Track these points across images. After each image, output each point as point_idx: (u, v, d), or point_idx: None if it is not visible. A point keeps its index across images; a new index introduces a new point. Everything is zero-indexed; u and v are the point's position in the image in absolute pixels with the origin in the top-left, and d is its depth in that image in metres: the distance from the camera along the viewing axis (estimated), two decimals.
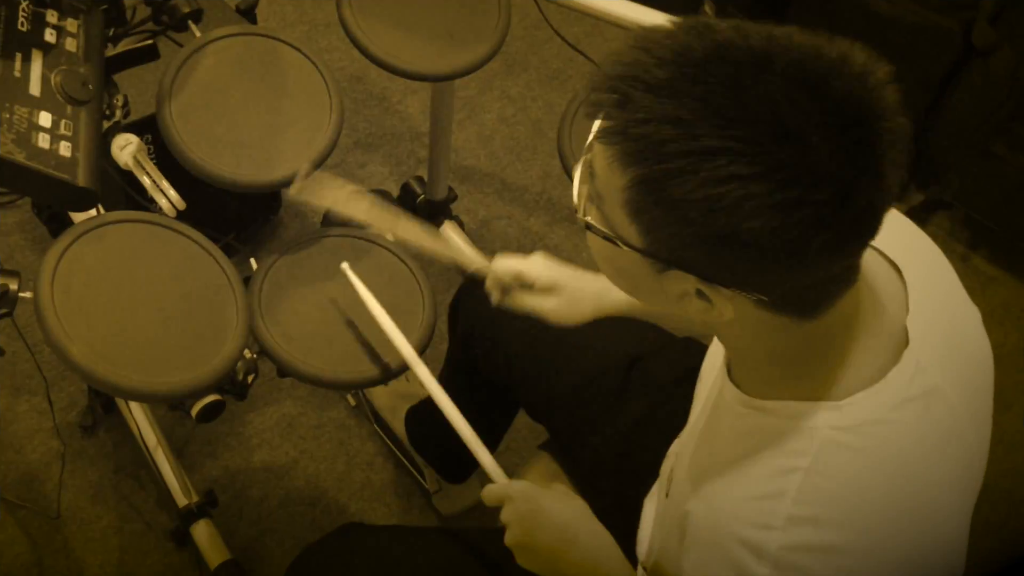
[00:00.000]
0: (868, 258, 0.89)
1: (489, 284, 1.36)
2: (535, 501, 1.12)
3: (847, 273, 0.84)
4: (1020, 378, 2.24)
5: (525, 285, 1.33)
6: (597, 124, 0.79)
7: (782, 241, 0.74)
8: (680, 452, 1.10)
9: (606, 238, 0.84)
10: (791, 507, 0.85)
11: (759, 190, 0.72)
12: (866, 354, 0.88)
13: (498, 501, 1.14)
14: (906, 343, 0.89)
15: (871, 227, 0.78)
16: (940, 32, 2.19)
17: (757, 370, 0.93)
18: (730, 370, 0.97)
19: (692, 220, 0.75)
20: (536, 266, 1.32)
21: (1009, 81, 2.11)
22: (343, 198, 1.33)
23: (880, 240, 0.92)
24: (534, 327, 1.36)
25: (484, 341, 1.54)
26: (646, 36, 0.77)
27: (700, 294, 0.82)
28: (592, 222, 0.85)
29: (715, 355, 1.07)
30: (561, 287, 1.32)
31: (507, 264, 1.33)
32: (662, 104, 0.74)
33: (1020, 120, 2.13)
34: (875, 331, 0.89)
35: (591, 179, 0.84)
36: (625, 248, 0.82)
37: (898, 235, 0.98)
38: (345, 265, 1.43)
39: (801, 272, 0.78)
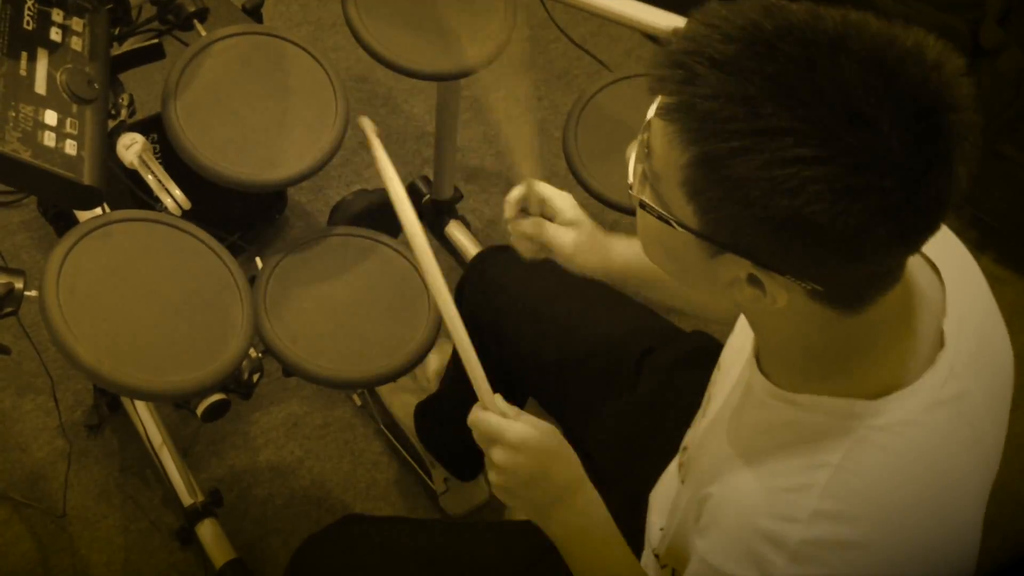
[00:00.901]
0: (911, 258, 0.89)
1: (511, 197, 1.30)
2: (536, 457, 1.02)
3: (898, 269, 0.83)
4: None
5: (547, 215, 1.29)
6: (658, 101, 0.78)
7: (844, 228, 0.73)
8: (701, 440, 1.09)
9: (661, 218, 0.82)
10: (817, 501, 0.85)
11: (825, 174, 0.71)
12: (903, 354, 0.88)
13: (492, 435, 1.03)
14: (941, 345, 0.89)
15: (935, 221, 0.77)
16: (947, 32, 2.17)
17: (792, 363, 0.92)
18: (759, 360, 0.96)
19: (753, 201, 0.73)
20: (567, 200, 1.28)
21: (1017, 81, 2.10)
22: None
23: None
24: (544, 311, 1.34)
25: (491, 327, 1.53)
26: (712, 11, 0.76)
27: (752, 280, 0.81)
28: (647, 201, 0.84)
29: (738, 346, 1.06)
30: (581, 226, 1.27)
31: (542, 187, 1.29)
32: (728, 80, 0.73)
33: None
34: (914, 331, 0.88)
35: (647, 158, 0.82)
36: (680, 229, 0.81)
37: (937, 236, 0.97)
38: (364, 120, 1.26)
39: (859, 263, 0.77)
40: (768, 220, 0.74)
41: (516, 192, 1.29)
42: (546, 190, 1.28)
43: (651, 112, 0.81)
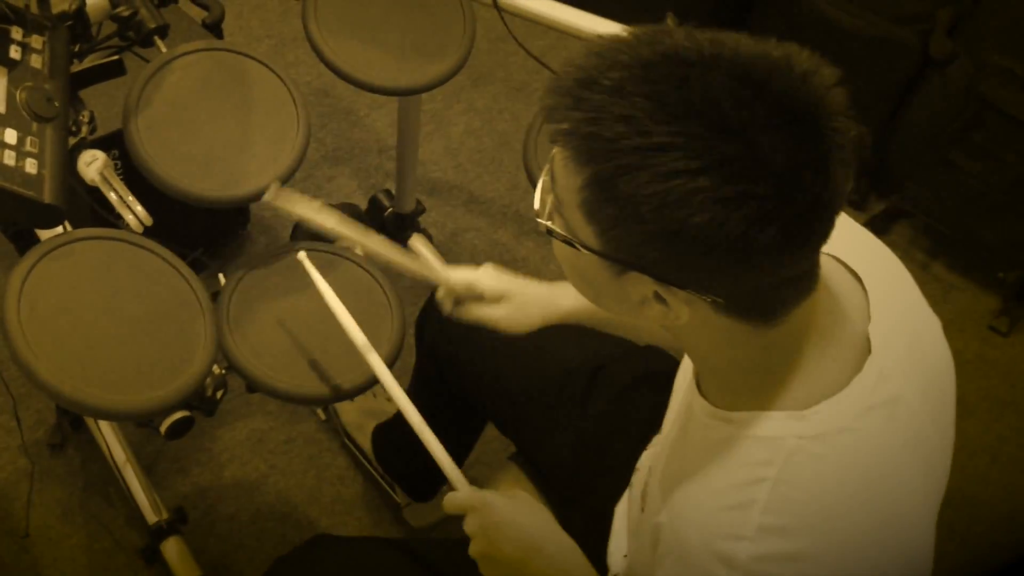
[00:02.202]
0: (829, 267, 0.90)
1: (441, 295, 1.38)
2: (499, 511, 1.10)
3: (804, 279, 0.85)
4: (981, 384, 2.28)
5: (476, 296, 1.35)
6: (553, 128, 0.81)
7: (729, 236, 0.75)
8: (652, 464, 1.11)
9: (566, 241, 0.85)
10: (760, 516, 0.86)
11: (705, 184, 0.74)
12: (828, 362, 0.89)
13: (460, 510, 1.12)
14: (868, 352, 0.90)
15: (820, 227, 0.79)
16: (898, 43, 2.22)
17: (723, 381, 0.94)
18: (699, 383, 0.98)
19: (643, 217, 0.76)
20: (485, 277, 1.34)
21: (966, 91, 2.14)
22: (314, 210, 1.34)
23: (840, 250, 0.94)
24: (500, 339, 1.37)
25: (451, 354, 1.55)
26: (600, 43, 0.79)
27: (658, 297, 0.83)
28: (552, 227, 0.86)
29: (687, 368, 1.08)
30: (510, 296, 1.34)
31: (458, 275, 1.35)
32: (613, 103, 0.75)
33: (977, 129, 2.17)
34: (837, 340, 0.90)
35: (553, 185, 0.85)
36: (584, 251, 0.84)
37: (858, 245, 0.99)
38: (302, 254, 1.39)
39: (752, 271, 0.79)
40: (659, 234, 0.77)
41: (440, 292, 1.38)
42: (464, 276, 1.35)
43: (550, 140, 0.83)
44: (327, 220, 1.33)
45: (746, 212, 0.74)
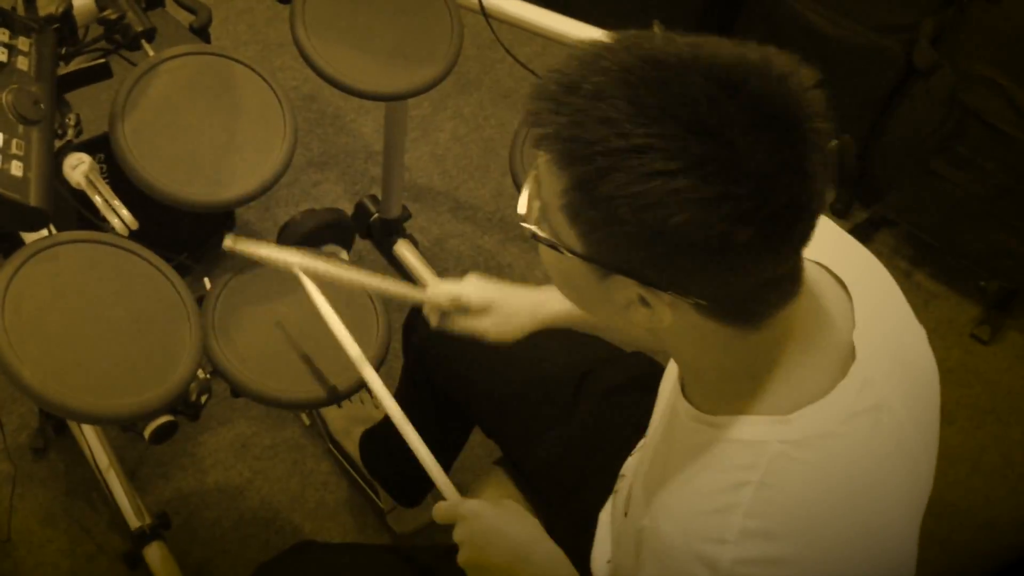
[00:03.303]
0: (814, 274, 0.91)
1: (427, 310, 1.38)
2: (487, 520, 1.11)
3: (786, 282, 0.85)
4: (963, 392, 2.29)
5: (461, 308, 1.35)
6: (536, 132, 0.81)
7: (707, 237, 0.76)
8: (637, 469, 1.11)
9: (550, 246, 0.85)
10: (743, 520, 0.86)
11: (683, 185, 0.74)
12: (813, 368, 0.90)
13: (450, 519, 1.13)
14: (853, 358, 0.91)
15: (799, 228, 0.80)
16: (882, 53, 2.24)
17: (707, 385, 0.94)
18: (683, 386, 0.98)
19: (623, 218, 0.76)
20: (469, 288, 1.35)
21: (949, 100, 2.16)
22: (276, 251, 1.34)
23: (826, 257, 0.94)
24: (487, 344, 1.38)
25: (438, 358, 1.55)
26: (581, 48, 0.80)
27: (643, 301, 0.84)
28: (537, 231, 0.87)
29: (672, 373, 1.09)
30: (495, 306, 1.34)
31: (442, 289, 1.35)
32: (593, 106, 0.76)
33: (960, 139, 2.18)
34: (821, 345, 0.91)
35: (538, 190, 0.86)
36: (568, 255, 0.84)
37: (843, 252, 1.00)
38: (298, 270, 1.35)
39: (733, 272, 0.80)
40: (639, 236, 0.77)
41: (426, 308, 1.38)
42: (447, 290, 1.35)
43: (533, 144, 0.84)
44: (290, 258, 1.33)
45: (724, 212, 0.75)
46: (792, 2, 2.30)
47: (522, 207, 0.89)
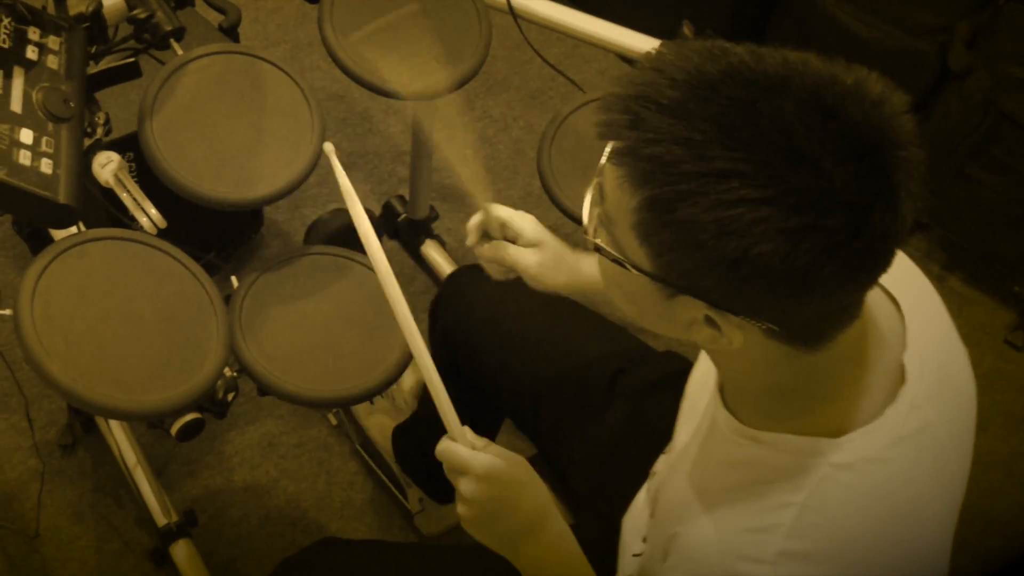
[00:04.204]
0: (870, 293, 0.89)
1: (473, 223, 1.31)
2: (502, 488, 1.02)
3: (853, 307, 0.83)
4: (996, 399, 2.26)
5: (509, 237, 1.30)
6: (609, 145, 0.79)
7: (792, 268, 0.73)
8: (668, 473, 1.10)
9: (616, 261, 0.83)
10: (783, 542, 0.85)
11: (770, 214, 0.71)
12: (865, 391, 0.88)
13: (460, 466, 1.03)
14: (902, 380, 0.89)
15: (884, 258, 0.77)
16: (917, 55, 2.22)
17: (755, 400, 0.92)
18: (724, 396, 0.96)
19: (702, 243, 0.74)
20: (527, 221, 1.30)
21: (984, 103, 2.13)
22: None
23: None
24: (516, 329, 1.35)
25: (465, 342, 1.53)
26: (659, 58, 0.77)
27: (709, 321, 0.81)
28: (602, 244, 0.84)
29: (703, 375, 1.07)
30: (545, 247, 1.29)
31: (500, 209, 1.29)
32: (673, 124, 0.73)
33: (995, 142, 2.15)
34: (875, 367, 0.89)
35: (602, 201, 0.83)
36: (635, 272, 0.82)
37: (895, 270, 0.98)
38: (329, 146, 1.21)
39: (812, 302, 0.77)
40: (718, 262, 0.74)
41: (476, 218, 1.30)
42: (504, 212, 1.29)
43: (604, 157, 0.81)
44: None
45: (812, 244, 0.72)
46: (825, 4, 2.28)
47: (585, 218, 0.86)
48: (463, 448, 1.03)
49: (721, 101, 0.73)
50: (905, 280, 0.97)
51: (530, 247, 1.28)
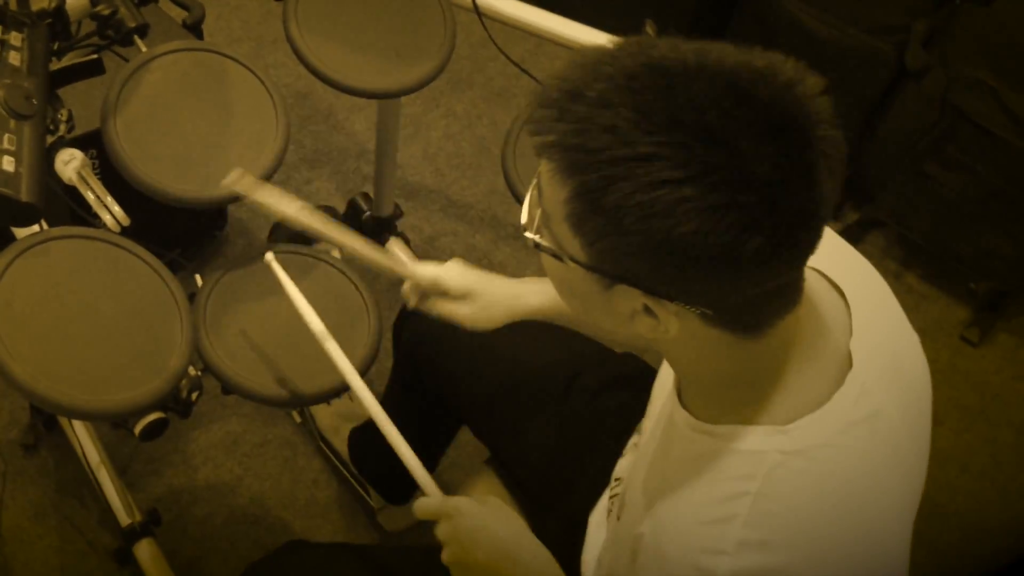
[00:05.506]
0: (811, 280, 0.90)
1: (407, 288, 1.37)
2: (471, 518, 1.10)
3: (789, 290, 0.85)
4: (952, 394, 2.30)
5: (441, 291, 1.34)
6: (539, 140, 0.80)
7: (715, 246, 0.75)
8: (631, 474, 1.11)
9: (553, 255, 0.85)
10: (741, 531, 0.86)
11: (690, 193, 0.73)
12: (811, 377, 0.90)
13: (432, 516, 1.13)
14: (850, 366, 0.91)
15: (806, 236, 0.79)
16: (875, 54, 2.25)
17: (706, 394, 0.94)
18: (680, 394, 0.98)
19: (629, 228, 0.76)
20: (451, 273, 1.34)
21: (940, 102, 2.16)
22: (276, 197, 1.32)
23: (822, 262, 0.94)
24: (478, 342, 1.37)
25: (428, 356, 1.55)
26: (584, 54, 0.79)
27: (647, 310, 0.83)
28: (539, 240, 0.86)
29: (666, 377, 1.08)
30: (475, 294, 1.33)
31: (425, 271, 1.34)
32: (597, 114, 0.75)
33: (952, 141, 2.19)
34: (819, 354, 0.91)
35: (540, 199, 0.85)
36: (572, 264, 0.83)
37: (839, 257, 1.00)
38: (270, 256, 1.38)
39: (740, 281, 0.79)
40: (645, 245, 0.76)
41: (405, 286, 1.37)
42: (430, 272, 1.34)
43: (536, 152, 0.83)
44: (288, 208, 1.32)
45: (732, 221, 0.74)
46: (785, 3, 2.31)
47: (524, 216, 0.88)
48: (432, 499, 1.14)
49: (639, 88, 0.75)
50: (851, 270, 0.99)
51: (460, 298, 1.34)
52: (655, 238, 0.75)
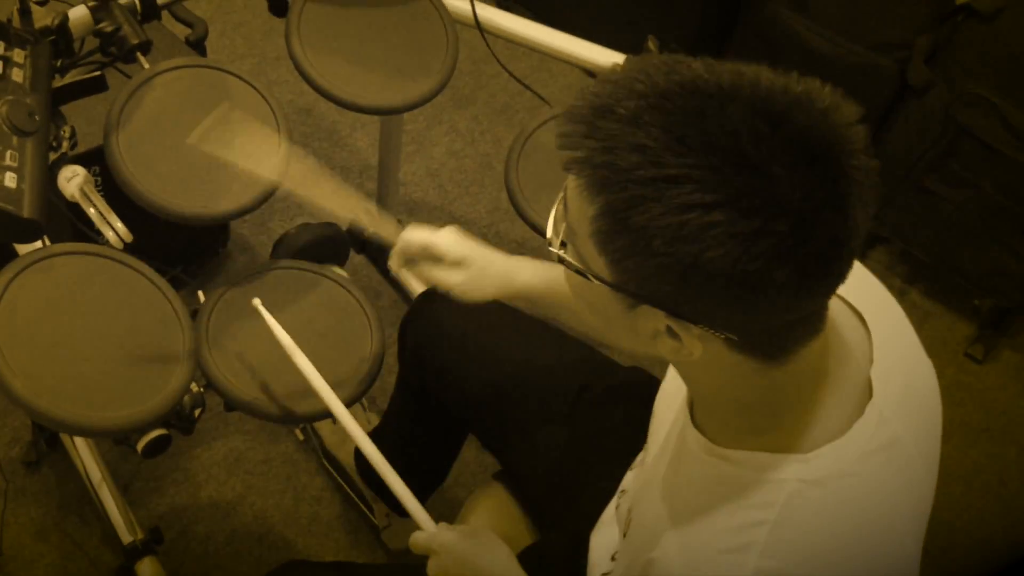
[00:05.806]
0: (834, 307, 0.89)
1: (396, 252, 1.35)
2: (459, 554, 1.13)
3: (815, 318, 0.84)
4: (957, 411, 2.29)
5: (433, 257, 1.32)
6: (568, 156, 0.79)
7: (744, 273, 0.73)
8: (638, 491, 1.10)
9: (578, 272, 0.84)
10: (758, 560, 0.86)
11: (720, 218, 0.72)
12: (833, 405, 0.89)
13: (423, 551, 1.16)
14: (870, 394, 0.90)
15: (836, 267, 0.78)
16: (877, 70, 2.25)
17: (723, 417, 0.93)
18: (693, 415, 0.96)
19: (656, 250, 0.74)
20: (447, 239, 1.32)
21: (943, 118, 2.16)
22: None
23: (842, 287, 0.94)
24: (484, 347, 1.36)
25: (433, 360, 1.54)
26: (617, 71, 0.78)
27: (670, 332, 0.82)
28: (565, 256, 0.85)
29: (672, 391, 1.07)
30: (469, 263, 1.32)
31: (418, 234, 1.32)
32: (627, 132, 0.74)
33: (954, 156, 2.18)
34: (841, 382, 0.90)
35: (566, 214, 0.84)
36: (596, 282, 0.82)
37: (856, 282, 0.99)
38: (257, 301, 1.39)
39: (767, 309, 0.78)
40: (672, 268, 0.75)
41: (397, 247, 1.34)
42: (424, 236, 1.32)
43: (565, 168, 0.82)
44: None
45: (762, 249, 0.73)
46: (787, 20, 2.31)
47: (549, 230, 0.87)
48: (424, 533, 1.18)
49: (672, 109, 0.74)
50: (869, 294, 0.98)
51: (453, 265, 1.32)
52: (683, 262, 0.74)
